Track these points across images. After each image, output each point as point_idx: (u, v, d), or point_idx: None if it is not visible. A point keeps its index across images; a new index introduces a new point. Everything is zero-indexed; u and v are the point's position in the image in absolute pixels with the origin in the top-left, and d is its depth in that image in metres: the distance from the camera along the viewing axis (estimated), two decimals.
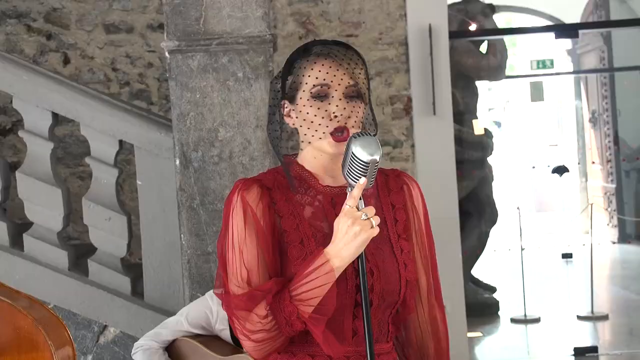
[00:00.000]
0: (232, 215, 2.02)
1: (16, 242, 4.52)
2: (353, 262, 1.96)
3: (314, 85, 2.02)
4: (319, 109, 2.02)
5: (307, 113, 2.02)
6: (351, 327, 2.03)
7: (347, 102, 2.03)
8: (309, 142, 2.03)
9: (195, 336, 3.32)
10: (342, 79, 2.03)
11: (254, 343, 1.96)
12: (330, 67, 2.03)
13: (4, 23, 6.42)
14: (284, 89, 2.09)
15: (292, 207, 2.05)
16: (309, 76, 2.03)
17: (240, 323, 1.96)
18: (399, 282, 2.07)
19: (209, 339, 3.29)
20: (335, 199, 2.07)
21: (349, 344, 2.02)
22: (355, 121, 2.03)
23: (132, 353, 3.41)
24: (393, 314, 2.10)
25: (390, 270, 2.06)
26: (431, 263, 2.22)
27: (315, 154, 2.06)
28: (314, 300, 1.93)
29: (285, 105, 2.09)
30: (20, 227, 4.63)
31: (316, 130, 2.02)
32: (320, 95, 2.02)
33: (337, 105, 2.01)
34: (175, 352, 3.33)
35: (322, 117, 2.01)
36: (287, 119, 2.09)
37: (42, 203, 4.48)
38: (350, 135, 1.97)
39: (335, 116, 2.01)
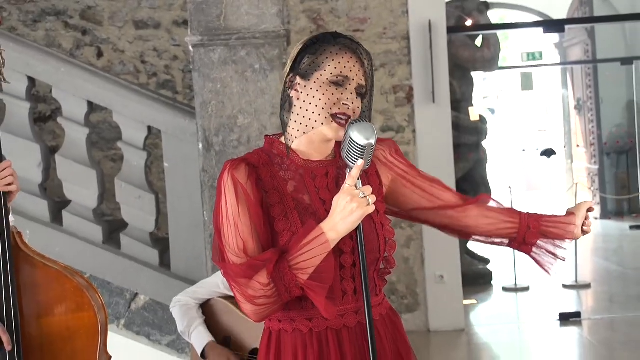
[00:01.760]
0: (224, 192, 2.00)
1: (56, 218, 4.53)
2: None
3: (340, 72, 2.00)
4: (325, 93, 2.00)
5: (318, 92, 2.00)
6: (340, 288, 2.03)
7: (356, 96, 2.03)
8: (313, 126, 2.01)
9: (228, 297, 3.30)
10: (359, 76, 2.03)
11: (256, 307, 1.96)
12: (357, 61, 2.03)
13: (44, 20, 6.42)
14: (297, 63, 2.05)
15: (276, 183, 2.04)
16: (337, 62, 2.01)
17: (241, 289, 1.95)
18: (378, 240, 2.07)
19: None
20: (314, 172, 2.07)
21: (340, 303, 2.03)
22: (356, 114, 2.02)
23: (170, 307, 3.37)
24: (378, 270, 2.10)
25: (369, 230, 2.05)
26: (437, 182, 2.23)
27: (310, 132, 2.04)
28: (311, 269, 1.93)
29: (294, 79, 2.05)
30: (59, 205, 4.65)
31: (319, 115, 2.00)
32: (338, 83, 2.01)
33: (351, 94, 2.01)
34: (209, 310, 3.31)
35: (326, 103, 2.00)
36: (291, 92, 2.06)
37: (79, 183, 4.49)
38: (348, 121, 1.97)
39: (345, 104, 2.00)
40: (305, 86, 2.03)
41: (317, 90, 2.00)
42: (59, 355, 2.63)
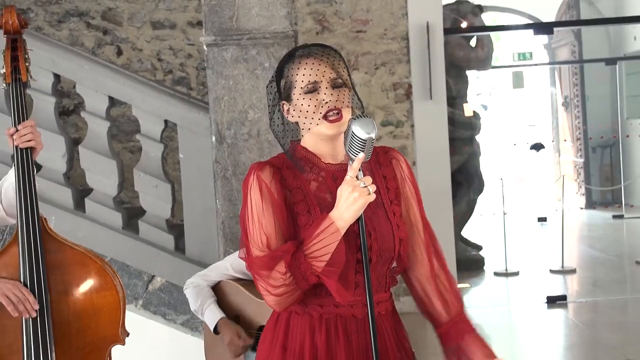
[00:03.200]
0: (250, 192, 2.02)
1: (79, 205, 4.55)
2: (354, 225, 1.97)
3: (304, 82, 2.01)
4: (310, 99, 2.01)
5: (302, 105, 2.01)
6: (354, 280, 2.04)
7: (334, 90, 2.02)
8: (309, 129, 2.02)
9: (237, 279, 3.32)
10: (325, 72, 2.02)
11: (276, 297, 1.97)
12: (313, 64, 2.02)
13: (67, 21, 6.43)
14: (280, 91, 2.08)
15: (300, 183, 2.05)
16: (299, 75, 2.02)
17: (264, 281, 1.97)
18: (394, 240, 2.07)
19: (248, 283, 3.29)
20: (335, 174, 2.07)
21: (352, 294, 2.04)
22: (343, 102, 2.02)
23: (184, 288, 3.39)
24: (390, 268, 2.11)
25: (386, 231, 2.06)
26: (423, 221, 2.18)
27: (316, 139, 2.06)
28: (324, 257, 1.95)
29: (284, 105, 2.08)
30: (82, 193, 4.66)
31: (312, 119, 2.01)
32: (311, 90, 2.01)
33: (325, 94, 2.01)
34: (220, 291, 3.33)
35: (315, 106, 2.01)
36: (288, 117, 2.08)
37: (100, 172, 4.50)
38: (350, 117, 1.97)
39: (326, 102, 2.00)
40: (290, 107, 2.05)
41: (302, 105, 2.02)
42: (86, 330, 2.66)
